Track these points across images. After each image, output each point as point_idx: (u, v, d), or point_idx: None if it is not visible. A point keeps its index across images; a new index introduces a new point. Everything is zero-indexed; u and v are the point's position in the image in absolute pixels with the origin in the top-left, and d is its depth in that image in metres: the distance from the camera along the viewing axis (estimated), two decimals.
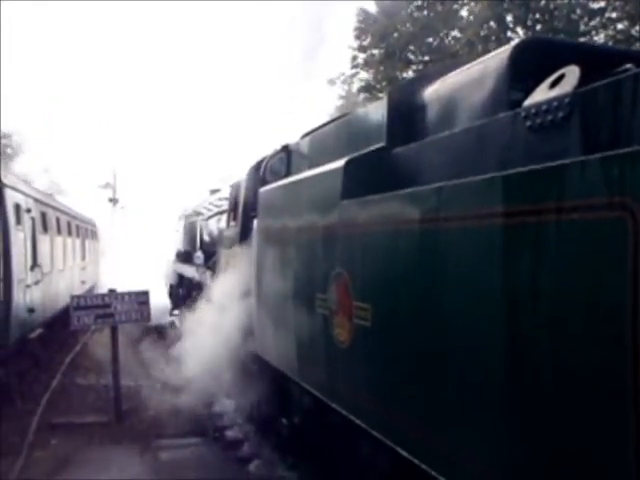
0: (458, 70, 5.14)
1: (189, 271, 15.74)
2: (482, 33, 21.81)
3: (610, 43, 19.76)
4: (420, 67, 24.26)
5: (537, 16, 21.36)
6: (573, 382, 2.87)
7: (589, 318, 2.78)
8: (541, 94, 3.77)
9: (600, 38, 20.75)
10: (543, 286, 3.03)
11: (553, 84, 3.72)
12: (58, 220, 16.23)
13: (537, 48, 4.50)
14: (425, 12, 24.21)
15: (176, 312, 18.31)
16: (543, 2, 20.87)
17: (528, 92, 3.94)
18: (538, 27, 21.24)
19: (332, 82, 27.60)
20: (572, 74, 3.62)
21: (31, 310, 11.78)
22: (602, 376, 2.73)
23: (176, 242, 19.74)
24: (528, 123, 3.75)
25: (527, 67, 4.26)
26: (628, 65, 3.74)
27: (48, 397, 11.19)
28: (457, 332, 3.69)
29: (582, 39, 19.56)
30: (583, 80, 3.53)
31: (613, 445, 2.68)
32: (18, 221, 11.14)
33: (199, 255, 14.50)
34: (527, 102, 3.85)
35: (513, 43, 4.62)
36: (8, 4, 29.61)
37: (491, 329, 3.41)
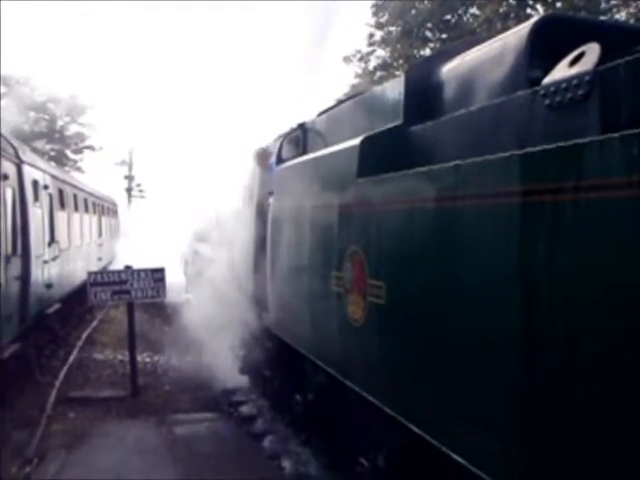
0: (476, 47, 5.09)
1: (205, 249, 15.80)
2: (501, 10, 21.49)
3: (631, 21, 19.42)
4: (438, 45, 24.00)
5: None
6: (590, 363, 2.87)
7: (607, 298, 2.77)
8: (561, 72, 3.72)
9: (621, 16, 20.41)
10: (560, 265, 3.02)
11: (573, 62, 3.67)
12: (75, 197, 16.35)
13: (557, 25, 4.44)
14: None
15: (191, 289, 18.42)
16: None
17: (547, 70, 3.89)
18: (558, 4, 20.89)
19: (348, 60, 27.38)
20: (592, 52, 3.57)
21: (49, 286, 11.92)
22: (620, 358, 2.72)
23: (194, 220, 19.75)
24: (547, 101, 3.71)
25: (547, 45, 4.20)
26: None
27: (66, 371, 11.37)
28: (472, 311, 3.69)
29: (603, 17, 19.24)
30: (603, 58, 3.48)
31: (630, 428, 2.69)
32: (36, 197, 11.23)
33: (215, 233, 14.54)
34: (546, 80, 3.81)
35: (533, 20, 4.55)
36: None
37: (506, 308, 3.41)
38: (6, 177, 9.19)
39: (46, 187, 12.22)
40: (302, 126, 8.26)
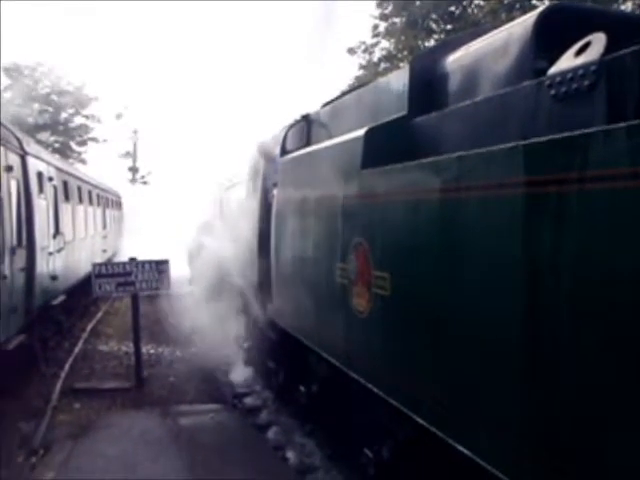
0: (481, 38, 5.07)
1: (209, 241, 15.83)
2: (506, 1, 21.36)
3: (638, 11, 19.30)
4: (442, 36, 23.85)
5: None
6: (594, 353, 2.87)
7: (612, 289, 2.77)
8: (566, 62, 3.71)
9: (627, 6, 20.28)
10: (564, 256, 3.01)
11: (579, 52, 3.66)
12: (80, 189, 16.35)
13: (563, 15, 4.41)
14: None
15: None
16: None
17: (553, 60, 3.87)
18: None
19: (352, 51, 27.24)
20: (598, 41, 3.56)
21: (54, 277, 11.93)
22: (624, 347, 2.72)
23: (200, 212, 19.78)
24: (552, 92, 3.70)
25: (552, 34, 4.18)
26: None
27: (71, 363, 11.40)
28: (476, 302, 3.69)
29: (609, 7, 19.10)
30: (610, 48, 3.46)
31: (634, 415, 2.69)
32: (40, 189, 11.23)
33: (219, 225, 14.57)
34: (552, 70, 3.79)
35: (538, 10, 4.53)
36: None
37: (511, 299, 3.41)
38: (10, 169, 9.19)
39: (50, 179, 12.22)
40: (306, 117, 8.24)
